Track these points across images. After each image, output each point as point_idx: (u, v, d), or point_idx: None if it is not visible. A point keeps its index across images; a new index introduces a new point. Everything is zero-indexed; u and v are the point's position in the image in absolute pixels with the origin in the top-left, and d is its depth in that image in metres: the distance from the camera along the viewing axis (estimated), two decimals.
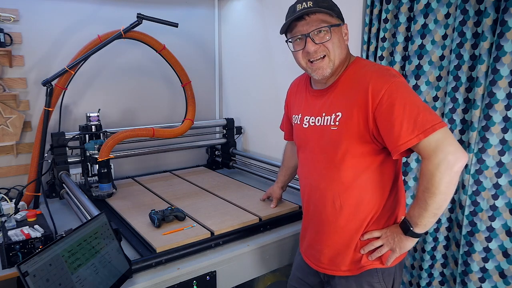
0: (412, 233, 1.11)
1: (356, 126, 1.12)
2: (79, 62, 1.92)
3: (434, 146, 1.02)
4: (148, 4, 2.33)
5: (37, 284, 0.94)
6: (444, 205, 1.06)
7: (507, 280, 1.35)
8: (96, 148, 1.89)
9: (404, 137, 1.04)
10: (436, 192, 1.03)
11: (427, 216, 1.07)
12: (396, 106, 1.05)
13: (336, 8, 1.18)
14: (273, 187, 1.78)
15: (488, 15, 1.28)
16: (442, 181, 1.02)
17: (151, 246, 1.40)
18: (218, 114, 2.79)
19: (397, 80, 1.08)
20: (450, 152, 1.01)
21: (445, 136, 1.02)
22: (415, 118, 1.03)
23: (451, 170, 1.01)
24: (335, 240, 1.23)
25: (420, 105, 1.05)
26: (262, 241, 1.57)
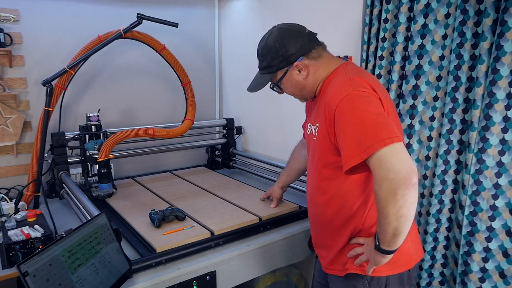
0: (379, 248, 1.07)
1: (326, 138, 1.14)
2: (79, 62, 1.92)
3: (377, 165, 0.96)
4: (148, 4, 2.33)
5: (37, 284, 0.94)
6: (401, 227, 0.98)
7: (507, 280, 1.35)
8: (96, 148, 1.89)
9: (347, 155, 1.02)
10: (385, 214, 0.98)
11: (387, 236, 1.01)
12: (343, 123, 1.04)
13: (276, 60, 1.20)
14: (274, 187, 1.78)
15: (488, 15, 1.28)
16: (387, 203, 0.96)
17: (151, 246, 1.40)
18: (218, 114, 2.79)
19: (350, 94, 1.04)
20: (392, 171, 0.94)
21: (388, 155, 0.95)
22: (358, 136, 1.00)
23: (394, 193, 0.94)
24: (330, 242, 1.26)
25: (367, 121, 1.00)
26: (262, 241, 1.57)
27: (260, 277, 1.94)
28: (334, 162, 1.15)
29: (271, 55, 1.21)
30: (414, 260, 1.22)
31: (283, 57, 1.19)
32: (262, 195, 1.86)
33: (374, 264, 1.13)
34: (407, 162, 0.95)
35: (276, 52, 1.19)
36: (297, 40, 1.19)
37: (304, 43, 1.19)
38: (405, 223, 0.98)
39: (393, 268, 1.16)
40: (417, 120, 1.53)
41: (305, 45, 1.19)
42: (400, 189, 0.93)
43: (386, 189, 0.95)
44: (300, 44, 1.19)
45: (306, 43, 1.19)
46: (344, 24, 1.82)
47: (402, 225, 0.98)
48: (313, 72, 1.21)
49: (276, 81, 1.25)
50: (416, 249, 1.23)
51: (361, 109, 1.03)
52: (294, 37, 1.19)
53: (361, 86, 1.07)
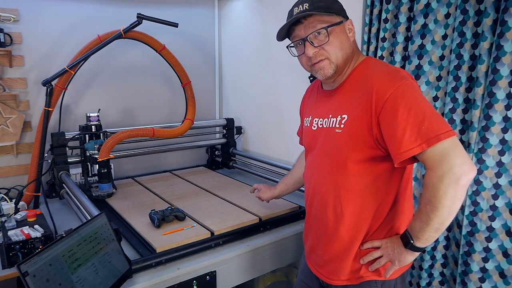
0: (412, 247, 1.04)
1: (361, 130, 1.07)
2: (79, 62, 1.92)
3: (439, 157, 0.95)
4: (148, 4, 2.33)
5: (37, 284, 0.94)
6: (448, 220, 0.98)
7: (507, 280, 1.35)
8: (96, 148, 1.89)
9: (406, 145, 0.98)
10: (439, 207, 0.96)
11: (429, 231, 1.00)
12: (400, 111, 0.99)
13: (336, 5, 1.12)
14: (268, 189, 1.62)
15: (488, 15, 1.28)
16: (446, 195, 0.95)
17: (151, 246, 1.40)
18: (218, 114, 2.79)
19: (405, 83, 1.01)
20: (457, 164, 0.94)
21: (452, 147, 0.95)
22: (419, 126, 0.97)
23: (456, 184, 0.94)
24: (334, 248, 1.18)
25: (427, 111, 0.98)
26: (262, 241, 1.57)
27: (260, 277, 1.94)
28: (366, 156, 1.08)
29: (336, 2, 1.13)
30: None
31: (342, 7, 1.13)
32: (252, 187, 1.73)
33: (399, 265, 1.09)
34: (466, 155, 0.97)
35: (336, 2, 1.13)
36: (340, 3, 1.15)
37: None
38: (452, 217, 0.99)
39: (400, 270, 1.15)
40: None
41: None
42: (463, 180, 0.94)
43: (450, 181, 0.94)
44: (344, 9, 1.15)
45: None
46: None
47: (450, 219, 0.98)
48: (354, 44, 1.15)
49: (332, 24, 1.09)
50: None
51: (418, 100, 1.00)
52: None
53: (408, 76, 1.05)
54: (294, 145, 2.21)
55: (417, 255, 1.08)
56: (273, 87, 2.30)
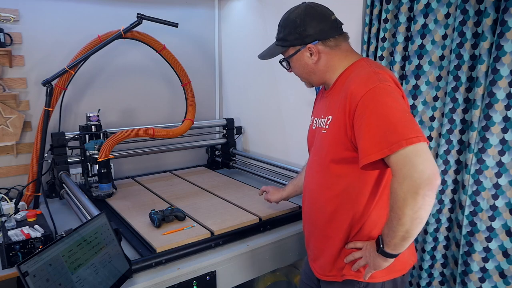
0: (383, 252, 1.03)
1: (339, 132, 1.09)
2: (79, 62, 1.93)
3: (402, 163, 0.93)
4: (148, 4, 2.33)
5: (37, 284, 0.94)
6: (414, 229, 0.95)
7: (507, 280, 1.35)
8: (96, 148, 1.89)
9: (369, 149, 0.98)
10: (400, 214, 0.94)
11: (395, 238, 0.98)
12: (367, 115, 0.99)
13: (291, 36, 1.17)
14: (275, 191, 1.63)
15: (488, 15, 1.28)
16: (405, 203, 0.93)
17: (151, 246, 1.40)
18: (218, 114, 2.79)
19: (378, 86, 1.01)
20: (417, 172, 0.91)
21: (415, 154, 0.92)
22: (384, 131, 0.96)
23: (415, 193, 0.91)
24: (322, 244, 1.22)
25: (394, 116, 0.97)
26: (262, 241, 1.57)
27: (260, 277, 1.94)
28: (345, 157, 1.10)
29: (288, 29, 1.18)
30: (409, 265, 1.20)
31: (299, 34, 1.16)
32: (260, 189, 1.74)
33: (373, 269, 1.09)
34: (432, 163, 0.93)
35: (295, 28, 1.16)
36: (318, 23, 1.14)
37: (324, 29, 1.15)
38: (418, 226, 0.95)
39: (388, 274, 1.14)
40: (417, 120, 1.53)
41: (325, 31, 1.15)
42: (423, 189, 0.91)
43: (408, 188, 0.92)
44: (320, 28, 1.14)
45: (327, 29, 1.15)
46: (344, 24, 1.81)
47: (415, 228, 0.96)
48: (326, 60, 1.17)
49: (287, 57, 1.22)
50: (410, 254, 1.20)
51: (388, 104, 0.99)
52: (317, 19, 1.15)
53: (386, 79, 1.04)
54: (294, 145, 2.22)
55: (391, 261, 1.05)
56: (273, 87, 2.30)
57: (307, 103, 2.05)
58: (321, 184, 1.19)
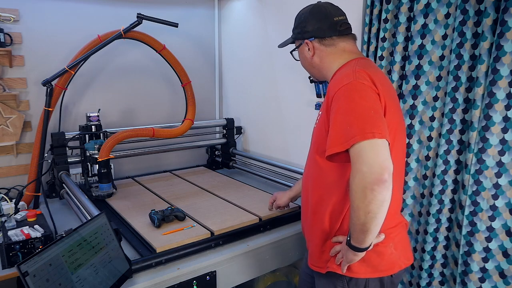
0: (350, 244, 1.07)
1: (322, 126, 1.16)
2: (79, 62, 1.93)
3: (355, 157, 0.97)
4: (148, 4, 2.33)
5: (37, 284, 0.94)
6: (369, 223, 0.98)
7: (507, 280, 1.35)
8: (96, 148, 1.89)
9: (331, 142, 1.03)
10: (354, 206, 0.99)
11: (355, 231, 1.02)
12: (336, 109, 1.05)
13: (296, 30, 1.28)
14: (282, 194, 1.65)
15: (488, 15, 1.28)
16: (357, 196, 0.97)
17: (151, 246, 1.40)
18: (218, 114, 2.79)
19: (351, 83, 1.05)
20: (366, 166, 0.95)
21: (368, 149, 0.96)
22: (345, 126, 1.01)
23: (364, 187, 0.94)
24: (310, 234, 1.27)
25: (358, 111, 1.01)
26: (262, 241, 1.57)
27: (260, 277, 1.94)
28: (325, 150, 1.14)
29: (296, 23, 1.29)
30: (398, 266, 1.18)
31: (301, 29, 1.26)
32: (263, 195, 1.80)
33: (346, 262, 1.11)
34: (383, 159, 0.96)
35: (299, 23, 1.27)
36: (317, 22, 1.22)
37: (322, 28, 1.22)
38: (372, 220, 0.98)
39: (372, 272, 1.15)
40: (417, 120, 1.53)
41: (321, 30, 1.22)
42: (370, 183, 0.94)
43: (358, 182, 0.96)
44: (318, 26, 1.22)
45: (324, 28, 1.22)
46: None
47: (370, 222, 0.98)
48: (321, 57, 1.24)
49: (293, 48, 1.33)
50: (401, 256, 1.19)
51: (355, 100, 1.03)
52: (317, 18, 1.23)
53: (362, 77, 1.07)
54: (294, 145, 2.22)
55: (361, 255, 1.08)
56: (273, 87, 2.30)
57: (307, 103, 2.05)
58: (309, 175, 1.25)
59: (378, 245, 1.13)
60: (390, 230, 1.15)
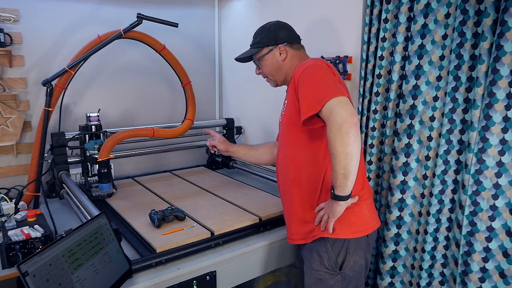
0: (335, 196, 1.22)
1: (292, 107, 1.34)
2: (79, 62, 1.92)
3: (328, 112, 1.16)
4: (148, 4, 2.33)
5: (37, 284, 0.94)
6: (349, 165, 1.15)
7: (507, 280, 1.35)
8: (96, 148, 1.89)
9: (305, 108, 1.22)
10: (334, 153, 1.15)
11: (338, 178, 1.18)
12: (303, 84, 1.26)
13: (266, 38, 1.46)
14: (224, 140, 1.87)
15: (488, 15, 1.28)
16: (335, 141, 1.14)
17: (151, 246, 1.40)
18: (218, 114, 2.79)
19: (312, 65, 1.29)
20: (338, 114, 1.14)
21: (336, 103, 1.16)
22: (314, 93, 1.21)
23: (339, 130, 1.13)
24: (290, 210, 1.42)
25: (321, 81, 1.24)
26: (262, 241, 1.57)
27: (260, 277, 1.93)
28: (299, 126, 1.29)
29: (264, 34, 1.48)
30: (371, 227, 1.37)
31: (272, 37, 1.46)
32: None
33: (332, 217, 1.27)
34: (350, 108, 1.17)
35: (269, 32, 1.47)
36: (287, 32, 1.48)
37: (291, 36, 1.48)
38: (352, 161, 1.15)
39: (352, 233, 1.32)
40: (417, 120, 1.53)
41: (292, 37, 1.48)
42: (344, 127, 1.13)
43: (335, 129, 1.14)
44: (289, 35, 1.48)
45: (292, 36, 1.48)
46: (344, 24, 1.82)
47: (350, 163, 1.15)
48: (290, 59, 1.46)
49: (260, 55, 1.49)
50: (372, 218, 1.39)
51: (317, 74, 1.27)
52: (286, 29, 1.49)
53: (319, 62, 1.33)
54: None
55: (344, 205, 1.24)
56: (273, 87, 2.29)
57: None
58: (285, 155, 1.43)
59: (353, 206, 1.31)
60: (360, 192, 1.35)
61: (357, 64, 1.76)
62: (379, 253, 1.71)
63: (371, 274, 1.81)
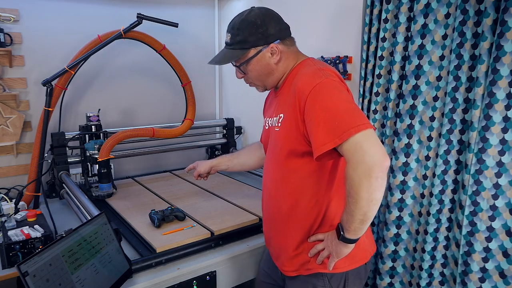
0: (344, 238, 1.06)
1: (292, 128, 1.13)
2: (79, 62, 1.93)
3: (353, 150, 0.97)
4: (148, 4, 2.33)
5: (37, 284, 0.94)
6: (370, 211, 1.00)
7: (507, 280, 1.35)
8: (96, 148, 1.89)
9: (321, 140, 1.02)
10: (357, 198, 0.98)
11: (354, 222, 1.02)
12: (316, 108, 1.04)
13: (252, 37, 1.16)
14: (204, 161, 1.70)
15: (488, 15, 1.28)
16: (361, 186, 0.97)
17: (151, 246, 1.40)
18: (218, 114, 2.79)
19: (324, 81, 1.06)
20: (368, 155, 0.96)
21: (364, 140, 0.97)
22: (333, 122, 1.00)
23: (369, 175, 0.95)
24: (283, 241, 1.23)
25: (341, 107, 1.02)
26: (262, 241, 1.56)
27: None
28: (298, 152, 1.14)
29: (249, 30, 1.16)
30: (369, 254, 1.25)
31: (262, 34, 1.16)
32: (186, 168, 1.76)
33: (336, 257, 1.11)
34: (381, 146, 0.99)
35: (256, 28, 1.15)
36: (277, 23, 1.19)
37: (282, 28, 1.20)
38: (374, 208, 1.00)
39: (351, 263, 1.18)
40: (417, 120, 1.53)
41: (283, 31, 1.20)
42: (375, 171, 0.95)
43: (362, 172, 0.96)
44: (280, 28, 1.19)
45: (284, 29, 1.21)
46: (344, 24, 1.82)
47: (372, 209, 1.00)
48: (284, 60, 1.20)
49: (246, 59, 1.19)
50: (370, 243, 1.26)
51: (334, 96, 1.04)
52: (275, 19, 1.19)
53: (330, 75, 1.09)
54: None
55: (352, 247, 1.09)
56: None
57: None
58: (277, 180, 1.22)
59: None
60: None
61: (357, 64, 1.76)
62: (379, 253, 1.71)
63: (371, 274, 1.81)
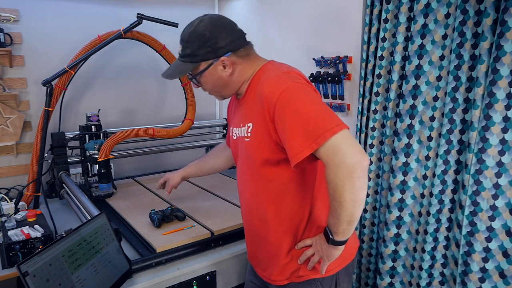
0: (333, 241, 1.05)
1: (263, 137, 1.09)
2: (79, 62, 1.93)
3: (331, 152, 0.95)
4: (148, 4, 2.33)
5: (37, 284, 0.94)
6: (356, 211, 0.99)
7: (507, 280, 1.35)
8: (96, 148, 1.89)
9: (297, 147, 0.99)
10: (341, 201, 0.97)
11: (341, 224, 1.00)
12: (287, 116, 1.01)
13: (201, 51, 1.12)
14: (173, 174, 1.68)
15: (488, 15, 1.28)
16: (344, 189, 0.95)
17: (151, 246, 1.40)
18: (218, 114, 2.79)
19: (290, 86, 1.02)
20: (347, 157, 0.94)
21: (341, 142, 0.95)
22: (306, 127, 0.97)
23: (351, 176, 0.94)
24: (269, 252, 1.20)
25: (312, 111, 0.99)
26: None
27: None
28: (273, 161, 1.11)
29: (197, 44, 1.12)
30: (355, 249, 1.26)
31: (211, 48, 1.12)
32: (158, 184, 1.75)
33: (328, 261, 1.10)
34: (358, 146, 0.97)
35: (205, 41, 1.11)
36: (228, 34, 1.13)
37: (234, 39, 1.14)
38: (360, 208, 0.99)
39: (340, 263, 1.18)
40: (417, 120, 1.53)
41: (235, 42, 1.14)
42: (356, 172, 0.94)
43: (344, 174, 0.94)
44: (231, 39, 1.13)
45: (237, 39, 1.15)
46: (344, 24, 1.82)
47: (357, 210, 0.99)
48: (239, 71, 1.16)
49: (197, 73, 1.16)
50: (354, 240, 1.25)
51: (303, 100, 1.02)
52: (226, 30, 1.13)
53: (296, 78, 1.07)
54: None
55: (342, 249, 1.08)
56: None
57: None
58: (255, 192, 1.19)
59: None
60: None
61: (357, 64, 1.76)
62: (379, 253, 1.71)
63: (371, 274, 1.81)
